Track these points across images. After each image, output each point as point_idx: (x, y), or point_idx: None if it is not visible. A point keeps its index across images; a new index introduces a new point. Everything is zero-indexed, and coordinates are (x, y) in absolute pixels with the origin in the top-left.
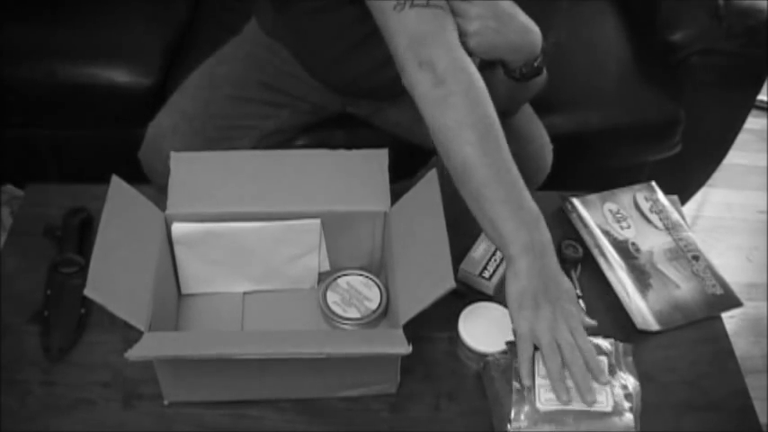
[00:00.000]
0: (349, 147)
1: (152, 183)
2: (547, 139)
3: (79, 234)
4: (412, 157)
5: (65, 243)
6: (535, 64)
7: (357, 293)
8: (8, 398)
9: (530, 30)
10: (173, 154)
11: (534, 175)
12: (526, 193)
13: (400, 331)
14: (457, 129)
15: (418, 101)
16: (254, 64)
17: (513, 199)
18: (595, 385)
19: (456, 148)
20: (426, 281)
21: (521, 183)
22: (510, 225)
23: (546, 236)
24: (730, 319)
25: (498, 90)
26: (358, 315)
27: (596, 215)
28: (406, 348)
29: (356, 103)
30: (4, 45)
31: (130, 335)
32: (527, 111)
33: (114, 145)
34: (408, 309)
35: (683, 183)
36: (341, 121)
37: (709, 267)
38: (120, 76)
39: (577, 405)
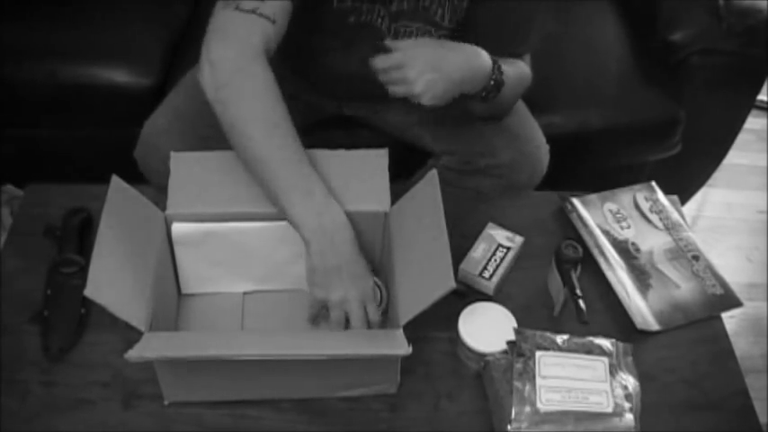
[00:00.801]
0: (348, 147)
1: (148, 180)
2: (543, 140)
3: (79, 234)
4: (410, 158)
5: (65, 243)
6: (492, 82)
7: None
8: (8, 398)
9: (469, 58)
10: (172, 154)
11: (531, 176)
12: (315, 180)
13: (400, 332)
14: (242, 126)
15: (207, 98)
16: None
17: (301, 186)
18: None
19: (244, 143)
20: (426, 281)
21: (307, 170)
22: (298, 210)
23: (338, 219)
24: (730, 319)
25: (477, 110)
26: None
27: (596, 215)
28: (405, 349)
29: (352, 105)
30: (4, 45)
31: (130, 335)
32: (522, 113)
33: (114, 145)
34: (408, 309)
35: (683, 183)
36: (340, 121)
37: (709, 267)
38: (120, 76)
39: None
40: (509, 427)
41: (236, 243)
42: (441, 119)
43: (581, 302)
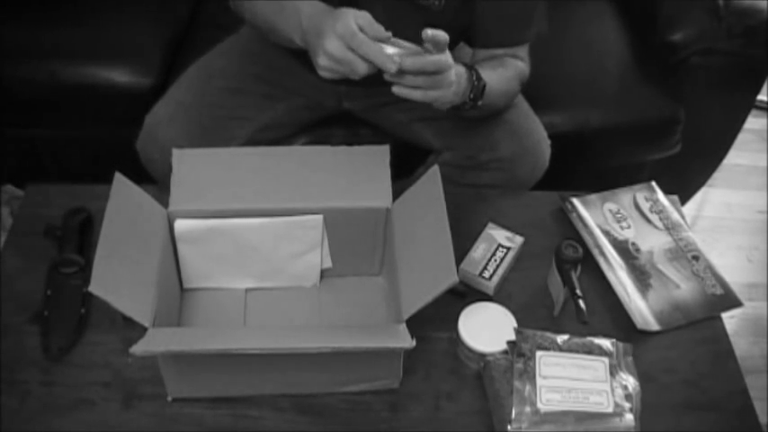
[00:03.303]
0: (350, 145)
1: (149, 172)
2: (544, 134)
3: (79, 234)
4: (409, 157)
5: (65, 243)
6: (471, 89)
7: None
8: (8, 398)
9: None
10: (175, 151)
11: (532, 170)
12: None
13: (404, 326)
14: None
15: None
16: (250, 57)
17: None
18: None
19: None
20: (429, 276)
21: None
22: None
23: (296, 23)
24: (730, 319)
25: (470, 115)
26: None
27: (596, 215)
28: (409, 342)
29: (352, 97)
30: (4, 45)
31: (130, 335)
32: (523, 107)
33: (114, 145)
34: (411, 303)
35: (683, 183)
36: (341, 119)
37: (710, 267)
38: (120, 76)
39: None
40: (509, 427)
41: (238, 240)
42: (442, 114)
43: (581, 302)
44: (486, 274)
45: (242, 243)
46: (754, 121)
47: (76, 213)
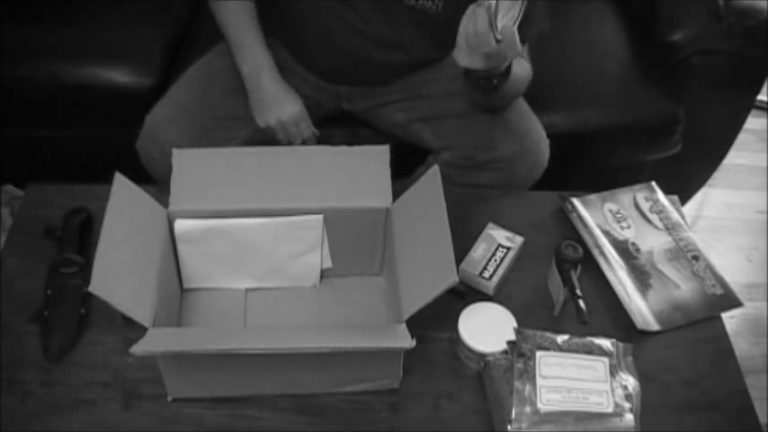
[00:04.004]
0: (350, 145)
1: (149, 172)
2: (543, 134)
3: (79, 234)
4: (409, 157)
5: (65, 243)
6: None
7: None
8: (8, 398)
9: None
10: (174, 151)
11: (531, 169)
12: (249, 38)
13: (403, 326)
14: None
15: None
16: None
17: (239, 43)
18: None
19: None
20: (429, 276)
21: (247, 33)
22: (240, 63)
23: (258, 62)
24: (730, 319)
25: (479, 101)
26: None
27: (596, 215)
28: (409, 342)
29: (351, 98)
30: (4, 45)
31: (130, 335)
32: (522, 107)
33: (114, 145)
34: (411, 304)
35: (683, 183)
36: (341, 119)
37: (710, 267)
38: (120, 76)
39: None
40: (509, 427)
41: (238, 240)
42: (441, 114)
43: (581, 302)
44: (486, 274)
45: (242, 243)
46: (754, 121)
47: (76, 213)
